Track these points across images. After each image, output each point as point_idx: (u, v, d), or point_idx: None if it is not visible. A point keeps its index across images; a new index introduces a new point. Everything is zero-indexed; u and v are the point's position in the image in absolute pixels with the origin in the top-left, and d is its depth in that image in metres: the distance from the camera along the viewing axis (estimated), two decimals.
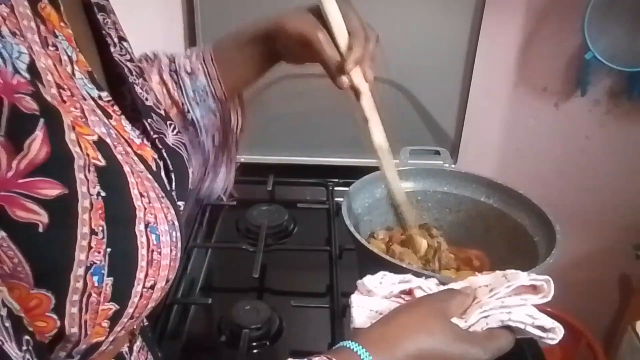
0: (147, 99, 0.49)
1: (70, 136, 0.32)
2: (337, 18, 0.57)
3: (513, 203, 0.79)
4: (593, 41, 1.02)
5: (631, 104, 1.16)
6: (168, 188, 0.43)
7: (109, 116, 0.38)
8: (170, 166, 0.46)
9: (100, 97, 0.38)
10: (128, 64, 0.48)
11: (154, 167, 0.41)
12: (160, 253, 0.37)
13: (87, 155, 0.33)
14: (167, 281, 0.39)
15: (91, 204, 0.33)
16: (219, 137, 0.65)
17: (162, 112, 0.51)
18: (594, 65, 1.07)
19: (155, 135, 0.46)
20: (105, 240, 0.33)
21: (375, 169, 0.79)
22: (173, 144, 0.49)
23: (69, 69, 0.35)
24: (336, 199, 1.09)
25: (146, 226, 0.36)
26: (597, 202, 1.30)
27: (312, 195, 1.15)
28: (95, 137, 0.35)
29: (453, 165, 0.87)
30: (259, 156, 1.18)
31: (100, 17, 0.46)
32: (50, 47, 0.34)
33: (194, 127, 0.62)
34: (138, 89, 0.48)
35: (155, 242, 0.37)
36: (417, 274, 0.55)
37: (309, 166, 1.19)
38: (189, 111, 0.61)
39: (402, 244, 0.75)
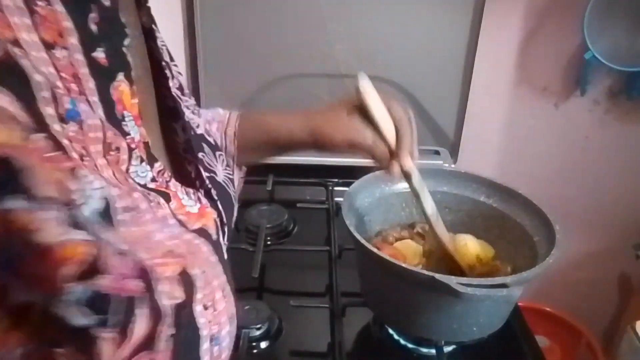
0: (198, 125, 0.47)
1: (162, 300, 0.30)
2: (383, 114, 0.58)
3: (513, 203, 0.79)
4: (593, 41, 1.02)
5: (631, 104, 1.16)
6: (226, 256, 0.40)
7: (166, 198, 0.35)
8: (224, 216, 0.43)
9: (153, 179, 0.35)
10: (182, 96, 0.45)
11: (214, 236, 0.39)
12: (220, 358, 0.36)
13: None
14: None
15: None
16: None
17: (212, 140, 0.49)
18: (593, 65, 1.07)
19: (207, 175, 0.43)
20: None
21: (374, 169, 0.80)
22: (223, 181, 0.47)
23: (125, 166, 0.32)
24: (336, 199, 1.09)
25: (211, 340, 0.35)
26: (596, 201, 1.30)
27: (312, 195, 1.14)
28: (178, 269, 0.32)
29: (453, 165, 0.87)
30: None
31: (159, 43, 0.43)
32: (112, 151, 0.31)
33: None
34: (190, 114, 0.45)
35: (217, 354, 0.35)
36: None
37: (309, 166, 1.19)
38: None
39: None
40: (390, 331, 0.77)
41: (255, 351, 0.73)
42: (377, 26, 1.07)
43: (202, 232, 0.37)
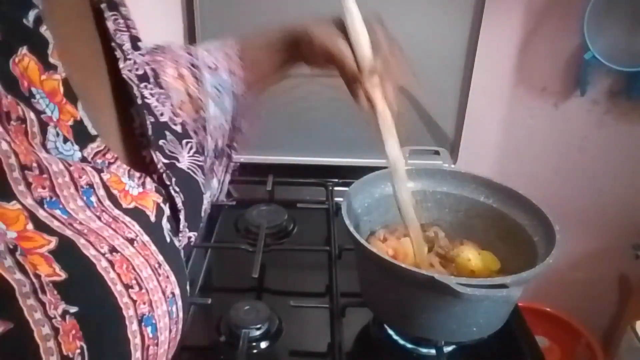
0: (162, 114, 0.46)
1: (7, 263, 0.27)
2: (360, 31, 0.56)
3: (512, 203, 0.79)
4: (592, 41, 1.03)
5: (630, 104, 1.16)
6: (168, 239, 0.39)
7: (99, 171, 0.34)
8: (180, 201, 0.42)
9: (84, 159, 0.34)
10: (136, 78, 0.44)
11: (152, 218, 0.38)
12: (157, 343, 0.33)
13: (38, 275, 0.27)
14: None
15: (54, 329, 0.27)
16: (222, 143, 0.61)
17: (179, 127, 0.48)
18: (593, 65, 1.07)
19: (166, 161, 0.43)
20: None
21: (374, 169, 0.80)
22: (188, 168, 0.46)
23: (38, 140, 0.31)
24: (335, 199, 1.09)
25: (140, 321, 0.32)
26: (595, 202, 1.30)
27: (312, 196, 1.14)
28: (52, 244, 0.29)
29: (453, 165, 0.87)
30: (258, 156, 1.18)
31: (111, 20, 0.42)
32: (14, 122, 0.29)
33: (204, 128, 0.58)
34: (153, 101, 0.45)
35: (151, 335, 0.33)
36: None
37: (309, 166, 1.19)
38: (203, 109, 0.57)
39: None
40: (390, 331, 0.77)
41: (255, 351, 0.73)
42: None
43: (135, 211, 0.36)
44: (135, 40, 0.45)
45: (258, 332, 0.75)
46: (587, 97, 1.15)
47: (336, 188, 1.13)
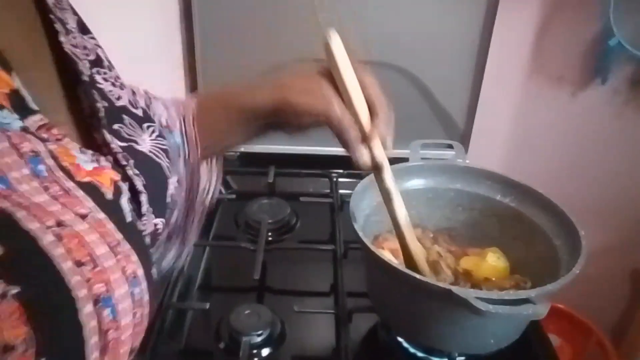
0: (119, 97, 0.42)
1: None
2: (355, 86, 0.50)
3: (530, 203, 0.74)
4: (617, 26, 0.96)
5: None
6: (129, 219, 0.35)
7: (44, 140, 0.31)
8: (140, 183, 0.39)
9: (26, 129, 0.30)
10: (84, 55, 0.40)
11: (109, 195, 0.34)
12: (118, 328, 0.30)
13: None
14: (131, 352, 0.32)
15: None
16: (178, 215, 0.52)
17: (140, 111, 0.44)
18: (616, 52, 1.01)
19: (122, 144, 0.39)
20: (34, 350, 0.25)
21: None
22: (150, 151, 0.42)
23: None
24: (340, 190, 1.04)
25: (96, 302, 0.29)
26: (610, 196, 1.25)
27: (315, 187, 1.10)
28: None
29: (467, 161, 0.81)
30: (258, 145, 1.13)
31: None
32: None
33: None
34: (107, 86, 0.41)
35: (110, 318, 0.30)
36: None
37: (312, 156, 1.14)
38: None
39: None
40: (399, 338, 0.72)
41: (256, 359, 0.69)
42: (387, 12, 1.01)
43: (89, 186, 0.32)
44: (81, 24, 0.42)
45: (259, 338, 0.70)
46: (607, 86, 1.10)
47: (341, 179, 1.08)
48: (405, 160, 0.78)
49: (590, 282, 1.32)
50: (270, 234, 0.93)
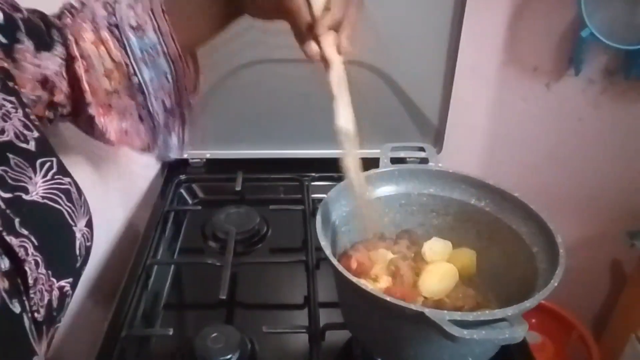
0: (3, 131, 0.36)
1: None
2: None
3: (507, 207, 0.71)
4: (589, 16, 0.93)
5: (628, 83, 1.08)
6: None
7: None
8: (31, 247, 0.33)
9: None
10: None
11: None
12: None
13: None
14: None
15: None
16: (170, 101, 0.56)
17: (33, 144, 0.38)
18: (589, 42, 0.98)
19: (6, 196, 0.33)
20: None
21: None
22: (45, 197, 0.36)
23: None
24: (313, 195, 1.00)
25: None
26: (589, 186, 1.23)
27: (287, 192, 1.05)
28: None
29: (440, 164, 0.78)
30: (225, 151, 1.08)
31: None
32: None
33: (142, 92, 0.53)
34: None
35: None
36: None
37: (282, 160, 1.10)
38: (135, 73, 0.51)
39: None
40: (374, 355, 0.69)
41: None
42: None
43: None
44: None
45: None
46: (582, 76, 1.07)
47: (313, 183, 1.04)
48: (378, 160, 0.76)
49: (571, 274, 1.31)
50: (239, 245, 0.88)
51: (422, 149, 0.80)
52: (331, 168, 0.96)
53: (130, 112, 0.53)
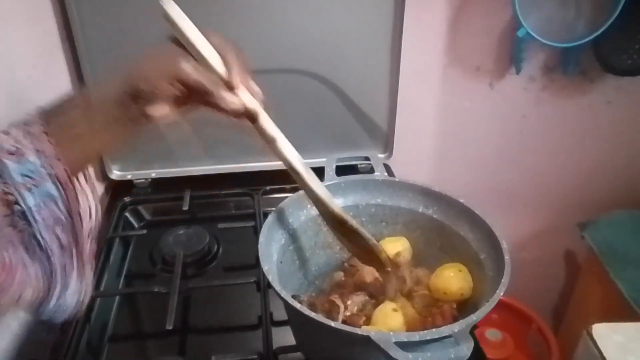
0: None
1: None
2: (205, 44, 0.50)
3: (453, 213, 0.71)
4: (524, 16, 0.94)
5: (567, 79, 1.10)
6: None
7: None
8: None
9: None
10: None
11: None
12: None
13: None
14: None
15: None
16: (65, 235, 0.47)
17: None
18: (526, 41, 1.00)
19: None
20: None
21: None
22: None
23: None
24: (264, 208, 0.98)
25: None
26: (538, 181, 1.25)
27: (237, 207, 1.03)
28: None
29: (385, 174, 0.77)
30: (172, 169, 1.05)
31: None
32: None
33: (27, 220, 0.45)
34: None
35: None
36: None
37: (231, 175, 1.07)
38: (16, 202, 0.44)
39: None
40: None
41: None
42: (293, 17, 0.94)
43: None
44: None
45: None
46: (523, 74, 1.08)
47: (264, 196, 1.01)
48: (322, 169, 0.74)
49: (526, 267, 1.34)
50: (190, 267, 0.86)
51: (367, 159, 0.79)
52: (282, 179, 0.93)
53: (12, 240, 0.44)
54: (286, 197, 0.68)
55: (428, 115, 1.15)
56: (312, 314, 0.51)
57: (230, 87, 0.50)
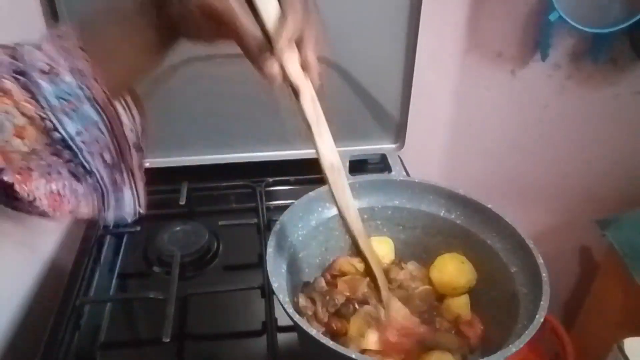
0: None
1: None
2: None
3: (479, 220, 0.64)
4: None
5: (595, 68, 1.03)
6: None
7: None
8: None
9: None
10: None
11: None
12: None
13: None
14: None
15: None
16: (110, 155, 0.46)
17: None
18: (555, 25, 0.92)
19: None
20: None
21: (309, 161, 0.61)
22: None
23: None
24: (268, 202, 0.91)
25: None
26: (555, 174, 1.19)
27: (239, 201, 0.96)
28: None
29: (403, 173, 0.70)
30: (167, 159, 0.97)
31: None
32: None
33: (69, 149, 0.42)
34: None
35: None
36: None
37: (232, 165, 1.00)
38: (55, 128, 0.41)
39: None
40: None
41: None
42: None
43: None
44: None
45: None
46: (548, 61, 1.01)
47: (267, 189, 0.95)
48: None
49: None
50: (188, 267, 0.79)
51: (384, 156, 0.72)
52: (286, 171, 0.86)
53: (58, 170, 0.42)
54: (290, 189, 0.63)
55: (443, 103, 1.08)
56: (312, 331, 0.45)
57: (272, 49, 0.41)
